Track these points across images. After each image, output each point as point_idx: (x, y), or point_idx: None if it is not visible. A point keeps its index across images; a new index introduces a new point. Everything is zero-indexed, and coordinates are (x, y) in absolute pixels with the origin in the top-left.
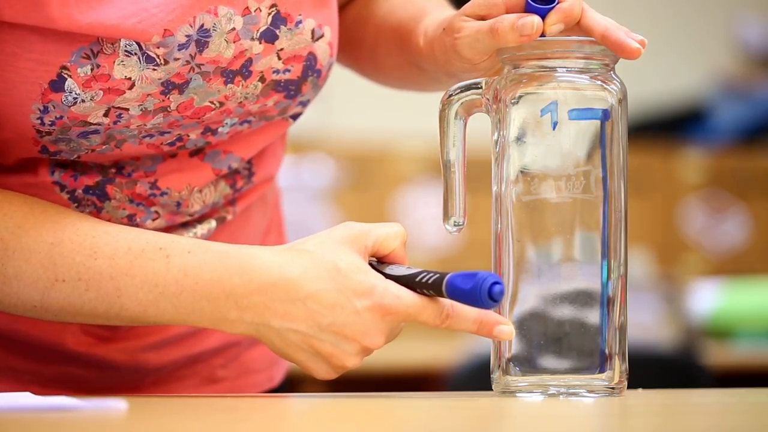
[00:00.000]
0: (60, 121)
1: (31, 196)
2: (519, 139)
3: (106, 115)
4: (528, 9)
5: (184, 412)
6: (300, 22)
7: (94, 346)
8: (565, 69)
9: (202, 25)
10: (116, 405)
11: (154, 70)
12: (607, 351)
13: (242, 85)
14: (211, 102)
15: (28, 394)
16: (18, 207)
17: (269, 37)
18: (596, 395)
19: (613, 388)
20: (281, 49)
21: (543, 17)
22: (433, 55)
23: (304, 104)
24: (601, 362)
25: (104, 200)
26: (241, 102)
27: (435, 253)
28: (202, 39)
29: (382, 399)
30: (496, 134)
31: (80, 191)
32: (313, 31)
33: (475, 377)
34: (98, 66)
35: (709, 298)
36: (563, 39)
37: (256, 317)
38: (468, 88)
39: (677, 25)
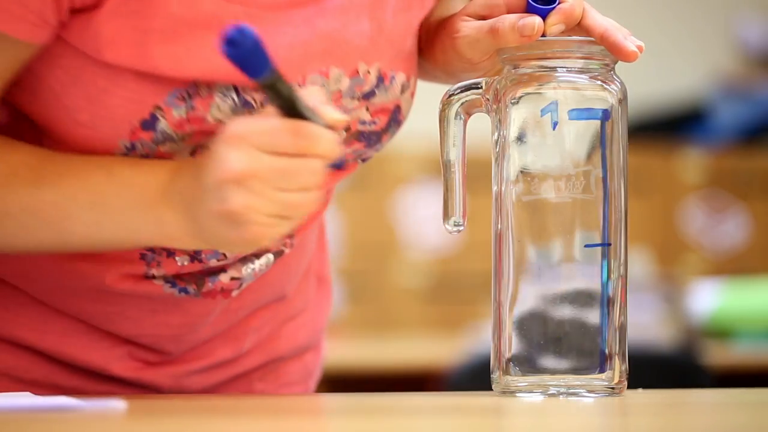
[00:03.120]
0: (145, 158)
1: None
2: (519, 139)
3: (192, 153)
4: (529, 9)
5: (185, 412)
6: (393, 78)
7: (141, 371)
8: (565, 69)
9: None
10: (116, 405)
11: (250, 113)
12: (607, 351)
13: None
14: None
15: (28, 394)
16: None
17: (369, 96)
18: (596, 395)
19: (613, 388)
20: (372, 104)
21: (544, 18)
22: (433, 55)
23: (378, 150)
24: (601, 362)
25: None
26: None
27: (435, 253)
28: None
29: (382, 399)
30: (496, 134)
31: None
32: (402, 85)
33: (475, 377)
34: (193, 108)
35: (709, 298)
36: (563, 39)
37: (186, 209)
38: (468, 88)
39: (677, 25)
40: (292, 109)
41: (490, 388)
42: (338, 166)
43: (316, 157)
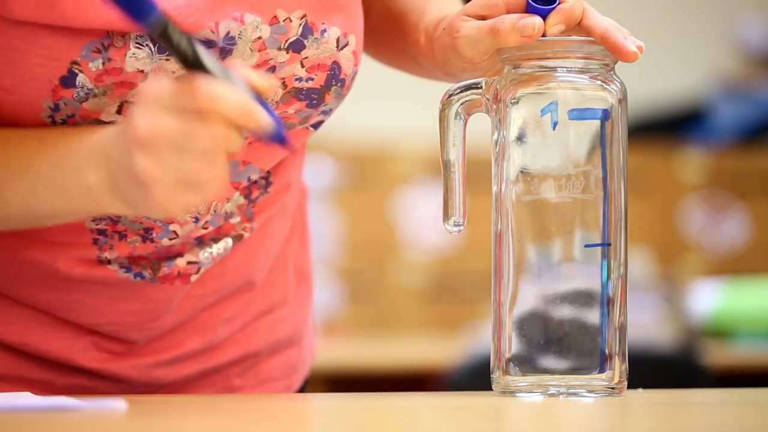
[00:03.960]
0: (72, 119)
1: None
2: (519, 139)
3: (119, 112)
4: (529, 9)
5: (185, 412)
6: (325, 30)
7: (106, 362)
8: (565, 69)
9: (228, 33)
10: (116, 405)
11: (167, 60)
12: (607, 351)
13: None
14: None
15: (28, 394)
16: None
17: (297, 47)
18: (596, 395)
19: (613, 388)
20: (305, 58)
21: (544, 18)
22: (433, 55)
23: (327, 113)
24: (601, 362)
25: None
26: None
27: (435, 253)
28: (227, 47)
29: (382, 399)
30: (496, 134)
31: None
32: (338, 40)
33: (475, 377)
34: (110, 59)
35: (709, 298)
36: (563, 39)
37: (108, 174)
38: (468, 88)
39: (677, 25)
40: (191, 61)
41: (490, 388)
42: (282, 133)
43: (219, 119)
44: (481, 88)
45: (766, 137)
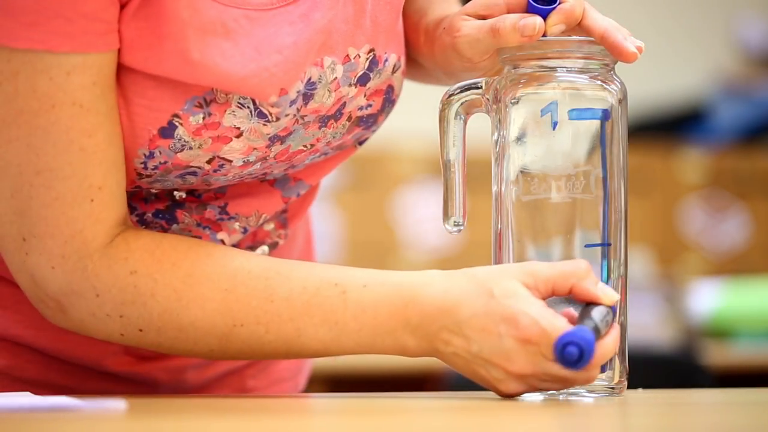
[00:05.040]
0: (163, 166)
1: (190, 237)
2: (519, 139)
3: (209, 162)
4: (529, 9)
5: (185, 412)
6: (387, 60)
7: (136, 365)
8: (565, 69)
9: (310, 79)
10: (116, 405)
11: (265, 125)
12: None
13: (333, 127)
14: (304, 146)
15: (28, 394)
16: (184, 254)
17: (363, 80)
18: (596, 395)
19: (613, 388)
20: (368, 88)
21: (544, 18)
22: (433, 55)
23: (375, 131)
24: None
25: (172, 223)
26: (329, 142)
27: (435, 253)
28: (309, 92)
29: (382, 399)
30: (496, 134)
31: (150, 215)
32: (394, 66)
33: None
34: (210, 114)
35: (709, 298)
36: (563, 39)
37: (429, 344)
38: (468, 88)
39: (677, 25)
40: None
41: None
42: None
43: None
44: (481, 88)
45: (766, 137)
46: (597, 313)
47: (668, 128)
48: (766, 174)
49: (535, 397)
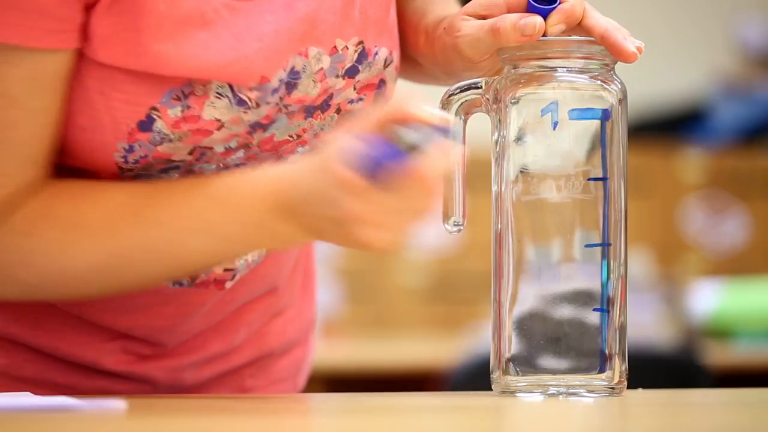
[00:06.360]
0: (144, 159)
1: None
2: (519, 139)
3: (190, 153)
4: (529, 9)
5: (185, 412)
6: (377, 53)
7: (134, 364)
8: (565, 69)
9: (293, 68)
10: (116, 405)
11: (245, 113)
12: (607, 351)
13: (320, 118)
14: (290, 136)
15: (28, 394)
16: (64, 202)
17: (352, 72)
18: (596, 395)
19: (613, 388)
20: (358, 81)
21: (545, 17)
22: (433, 55)
23: None
24: (601, 362)
25: None
26: (317, 133)
27: (435, 253)
28: (292, 81)
29: (382, 399)
30: (496, 134)
31: None
32: (385, 60)
33: (475, 377)
34: (188, 107)
35: (709, 298)
36: (563, 39)
37: (299, 226)
38: (468, 88)
39: (677, 25)
40: (411, 148)
41: (490, 388)
42: None
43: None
44: (481, 88)
45: (766, 137)
46: (408, 131)
47: (668, 128)
48: (766, 174)
49: (535, 397)
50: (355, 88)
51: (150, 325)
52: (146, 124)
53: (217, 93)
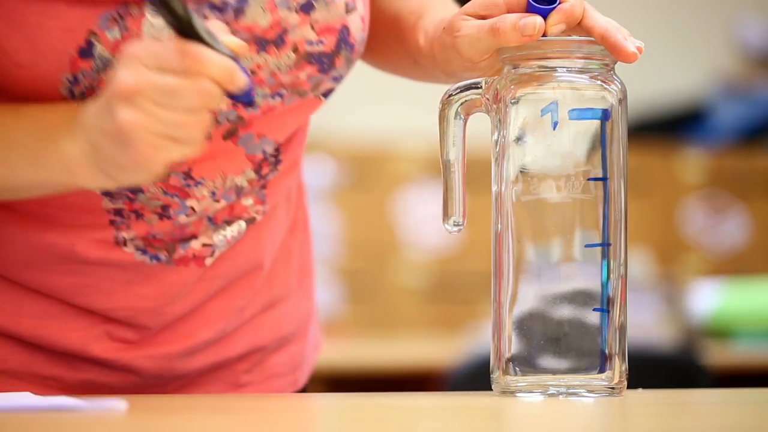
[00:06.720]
0: (90, 90)
1: None
2: (519, 139)
3: None
4: (529, 9)
5: (185, 412)
6: None
7: (121, 351)
8: (565, 69)
9: None
10: (116, 405)
11: None
12: (607, 351)
13: (275, 55)
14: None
15: (28, 394)
16: None
17: (306, 8)
18: (596, 395)
19: (613, 388)
20: (316, 21)
21: (544, 17)
22: (432, 54)
23: (337, 80)
24: (601, 362)
25: (137, 193)
26: (273, 72)
27: (435, 253)
28: (239, 7)
29: (382, 399)
30: (496, 134)
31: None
32: (346, 4)
33: (475, 377)
34: (127, 29)
35: (709, 298)
36: (563, 39)
37: (86, 142)
38: (468, 87)
39: (677, 25)
40: (187, 30)
41: (490, 388)
42: (251, 93)
43: (205, 77)
44: (481, 87)
45: (766, 137)
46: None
47: (668, 128)
48: (766, 174)
49: (535, 397)
50: (313, 29)
51: (131, 307)
52: (87, 51)
53: (153, 11)
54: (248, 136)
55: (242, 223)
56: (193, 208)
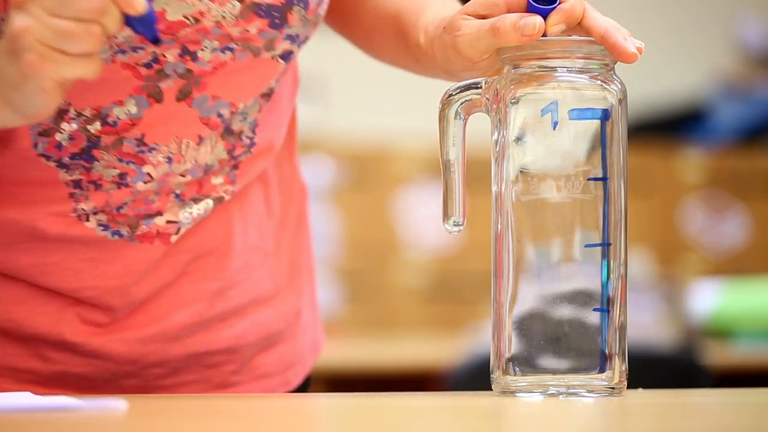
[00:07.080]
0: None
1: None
2: (519, 139)
3: None
4: (529, 9)
5: (184, 412)
6: None
7: (93, 336)
8: (565, 69)
9: None
10: (116, 405)
11: None
12: (607, 351)
13: (218, 2)
14: (185, 17)
15: (28, 394)
16: None
17: None
18: (596, 395)
19: (613, 388)
20: None
21: (545, 17)
22: (433, 54)
23: (294, 40)
24: (601, 362)
25: (92, 162)
26: (218, 22)
27: (435, 253)
28: None
29: (382, 399)
30: (496, 134)
31: (67, 158)
32: None
33: (475, 377)
34: None
35: (709, 298)
36: (563, 39)
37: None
38: (468, 87)
39: (677, 25)
40: None
41: (490, 388)
42: (153, 23)
43: None
44: (481, 87)
45: (766, 137)
46: None
47: (668, 128)
48: (766, 174)
49: (535, 397)
50: None
51: (97, 286)
52: None
53: None
54: (202, 98)
55: (209, 202)
56: (149, 174)
